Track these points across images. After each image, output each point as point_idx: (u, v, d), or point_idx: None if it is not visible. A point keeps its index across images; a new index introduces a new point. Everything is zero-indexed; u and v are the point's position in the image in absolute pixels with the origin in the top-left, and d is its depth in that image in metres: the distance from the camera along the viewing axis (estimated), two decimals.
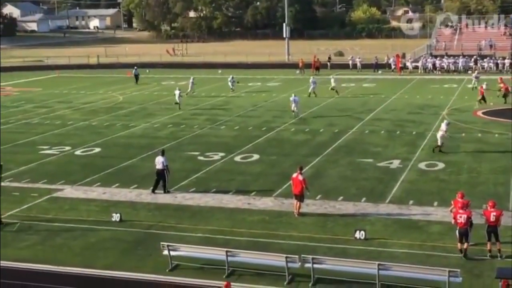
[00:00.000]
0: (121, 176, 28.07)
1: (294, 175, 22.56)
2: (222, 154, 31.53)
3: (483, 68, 65.74)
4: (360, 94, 51.79)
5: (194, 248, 18.16)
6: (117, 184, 26.60)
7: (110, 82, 66.08)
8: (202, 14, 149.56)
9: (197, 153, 31.96)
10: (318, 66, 69.09)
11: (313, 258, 16.73)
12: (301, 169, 22.86)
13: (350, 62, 71.78)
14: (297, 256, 16.94)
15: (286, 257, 16.86)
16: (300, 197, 22.21)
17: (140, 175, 28.07)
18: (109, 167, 29.43)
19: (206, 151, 32.04)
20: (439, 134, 31.11)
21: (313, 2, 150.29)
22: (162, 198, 24.57)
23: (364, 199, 23.82)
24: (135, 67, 65.85)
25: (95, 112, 45.85)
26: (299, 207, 22.24)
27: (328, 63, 72.79)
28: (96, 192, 25.63)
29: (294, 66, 73.36)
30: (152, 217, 22.49)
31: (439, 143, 30.85)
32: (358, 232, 19.82)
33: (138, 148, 33.28)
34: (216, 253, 17.71)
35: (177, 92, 46.70)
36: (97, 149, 33.42)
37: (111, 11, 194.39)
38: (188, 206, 23.58)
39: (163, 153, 25.85)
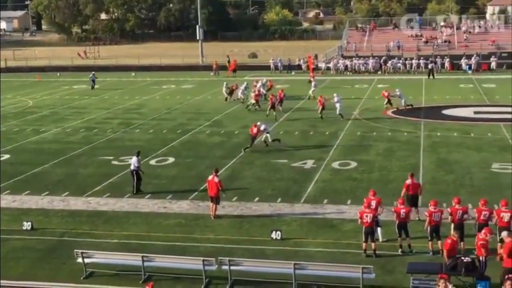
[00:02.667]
0: (32, 183, 27.27)
1: (210, 177, 22.55)
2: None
3: (393, 68, 67.85)
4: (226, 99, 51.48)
5: (109, 255, 17.86)
6: (27, 191, 25.82)
7: (18, 86, 64.03)
8: (114, 16, 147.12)
9: (111, 157, 31.44)
10: (235, 68, 69.02)
11: (229, 260, 16.77)
12: (216, 171, 22.88)
13: (272, 64, 72.20)
14: (214, 259, 16.93)
15: (203, 260, 16.82)
16: (216, 199, 22.23)
17: (52, 181, 27.36)
18: (19, 174, 28.53)
19: (121, 155, 31.56)
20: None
21: (226, 4, 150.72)
22: (75, 204, 24.04)
23: (279, 199, 24.08)
24: (93, 73, 62.74)
25: (3, 118, 44.31)
26: (215, 210, 22.25)
27: None
28: (6, 200, 24.77)
29: (208, 68, 73.34)
30: (65, 224, 21.96)
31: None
32: (274, 232, 20.00)
33: (49, 154, 32.43)
34: (132, 259, 17.48)
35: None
36: (6, 156, 32.32)
37: (19, 13, 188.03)
38: (102, 212, 23.16)
39: (137, 154, 25.85)
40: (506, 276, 14.50)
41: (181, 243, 19.91)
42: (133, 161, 25.50)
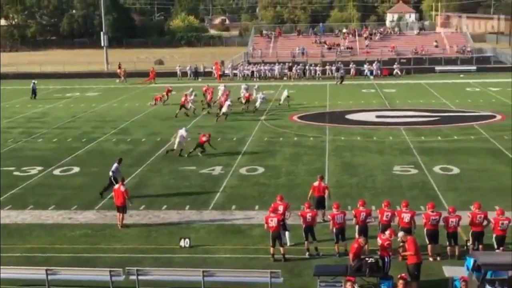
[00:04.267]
0: None
1: (116, 186, 22.21)
2: (39, 168, 30.26)
3: (298, 74, 69.05)
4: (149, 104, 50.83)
5: (11, 269, 17.21)
6: None
7: None
8: (14, 22, 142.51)
9: (12, 168, 30.40)
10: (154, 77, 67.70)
11: (137, 270, 16.55)
12: (123, 180, 22.58)
13: (178, 71, 71.63)
14: (121, 269, 16.66)
15: (110, 271, 16.52)
16: (123, 209, 21.91)
17: None
18: None
19: (22, 166, 30.59)
20: (177, 140, 32.13)
21: (131, 10, 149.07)
22: None
23: (188, 206, 23.98)
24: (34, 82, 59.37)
25: None
26: (123, 219, 21.92)
27: None
28: None
29: (113, 75, 72.20)
30: None
31: (175, 147, 32.17)
32: (182, 240, 19.90)
33: None
34: (35, 273, 16.93)
35: None
36: None
37: None
38: (3, 225, 22.32)
39: (119, 161, 25.76)
40: (399, 276, 15.10)
41: (88, 254, 19.48)
42: (112, 167, 25.40)
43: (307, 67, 70.27)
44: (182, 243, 19.83)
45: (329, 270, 16.99)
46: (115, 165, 25.56)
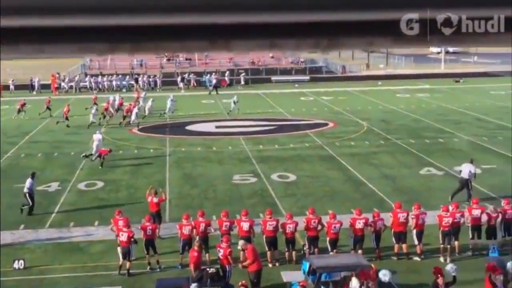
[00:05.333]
0: None
1: None
2: None
3: (140, 86, 68.38)
4: (14, 117, 49.02)
5: None
6: None
7: None
8: None
9: None
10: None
11: None
12: None
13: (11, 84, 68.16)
14: None
15: None
16: None
17: None
18: None
19: None
20: (95, 144, 32.51)
21: None
22: None
23: (22, 226, 22.93)
24: None
25: None
26: None
27: None
28: None
29: None
30: None
31: (93, 152, 32.45)
32: (17, 262, 18.98)
33: None
34: None
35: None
36: None
37: None
38: None
39: (32, 176, 24.42)
40: (240, 283, 15.41)
41: None
42: (27, 183, 24.21)
43: (146, 78, 69.79)
44: (16, 264, 18.91)
45: (171, 283, 16.97)
46: (31, 180, 24.58)
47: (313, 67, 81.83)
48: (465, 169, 25.44)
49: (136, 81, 69.30)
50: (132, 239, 18.33)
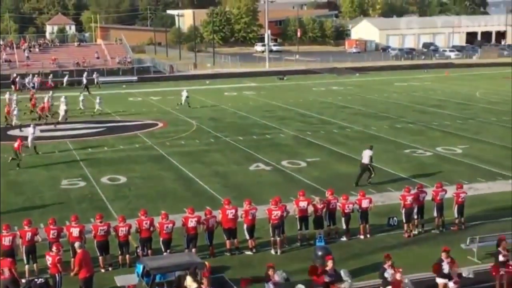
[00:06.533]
0: None
1: None
2: None
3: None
4: None
5: None
6: None
7: None
8: None
9: None
10: None
11: None
12: None
13: None
14: None
15: None
16: None
17: None
18: None
19: None
20: (29, 138, 34.27)
21: None
22: None
23: None
24: None
25: None
26: None
27: None
28: None
29: None
30: None
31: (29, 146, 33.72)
32: None
33: None
34: None
35: None
36: None
37: None
38: None
39: None
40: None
41: None
42: None
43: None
44: None
45: None
46: None
47: (140, 67, 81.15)
48: (365, 155, 27.02)
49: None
50: None
